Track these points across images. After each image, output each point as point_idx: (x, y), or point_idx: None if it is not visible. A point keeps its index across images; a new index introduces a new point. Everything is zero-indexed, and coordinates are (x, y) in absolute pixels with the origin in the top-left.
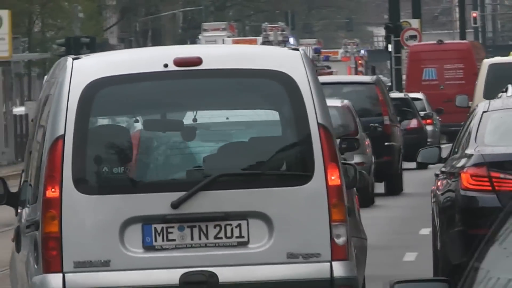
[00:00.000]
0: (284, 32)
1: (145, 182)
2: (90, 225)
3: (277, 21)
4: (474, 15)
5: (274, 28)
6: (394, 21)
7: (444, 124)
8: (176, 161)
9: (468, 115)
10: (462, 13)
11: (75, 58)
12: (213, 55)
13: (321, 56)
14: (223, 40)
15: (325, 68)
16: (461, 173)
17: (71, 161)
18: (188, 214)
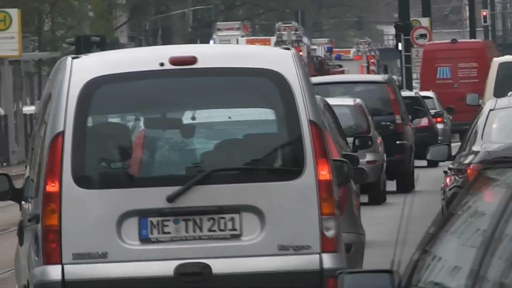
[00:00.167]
0: (298, 32)
1: (142, 177)
2: (89, 219)
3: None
4: (484, 13)
5: (287, 28)
6: (404, 19)
7: (457, 123)
8: (171, 157)
9: (477, 113)
10: (472, 12)
11: (74, 57)
12: (207, 54)
13: (333, 55)
14: (237, 39)
15: (337, 67)
16: (467, 169)
17: (70, 156)
18: (183, 208)
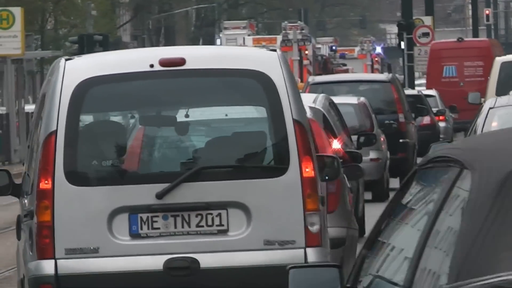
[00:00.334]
0: (304, 31)
1: (132, 174)
2: (80, 215)
3: (290, 19)
4: (487, 12)
5: (293, 27)
6: (407, 18)
7: (462, 121)
8: (160, 155)
9: (477, 111)
10: (475, 11)
11: (68, 59)
12: (196, 56)
13: (337, 54)
14: (244, 38)
15: (341, 66)
16: None
17: (62, 155)
18: (171, 204)
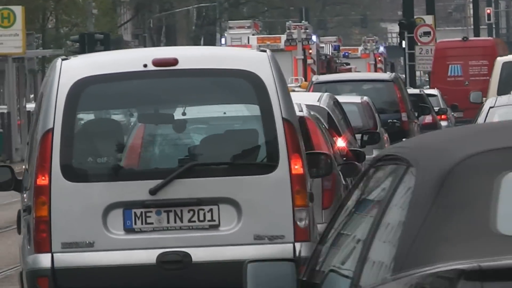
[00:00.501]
0: (307, 30)
1: (126, 171)
2: (76, 210)
3: (291, 18)
4: (488, 11)
5: (297, 27)
6: (408, 17)
7: (467, 120)
8: (154, 152)
9: (478, 111)
10: (476, 10)
11: (64, 59)
12: (188, 56)
13: (341, 53)
14: (248, 37)
15: (344, 65)
16: None
17: (59, 152)
18: (164, 200)
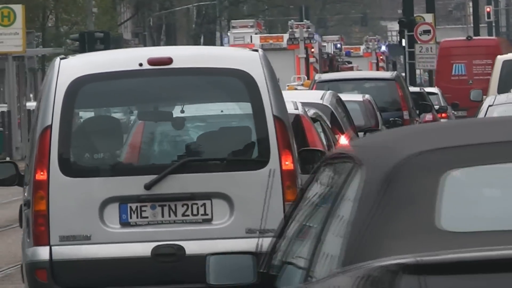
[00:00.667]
0: (310, 29)
1: (122, 166)
2: (74, 204)
3: (291, 16)
4: (488, 9)
5: (300, 26)
6: (408, 15)
7: (470, 118)
8: (149, 148)
9: (477, 109)
10: (476, 8)
11: (63, 58)
12: (182, 55)
13: (343, 52)
14: (251, 36)
15: (346, 64)
16: None
17: (57, 148)
18: (159, 195)
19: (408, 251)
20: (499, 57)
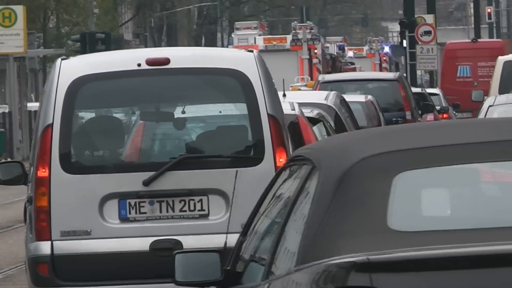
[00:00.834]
0: (313, 31)
1: (121, 163)
2: (74, 200)
3: (292, 17)
4: (489, 10)
5: (303, 27)
6: (409, 16)
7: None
8: (148, 146)
9: (478, 109)
10: (476, 9)
11: (63, 59)
12: (179, 56)
13: (346, 53)
14: (255, 38)
15: (349, 64)
16: None
17: (58, 145)
18: (157, 191)
19: (360, 249)
20: (500, 58)
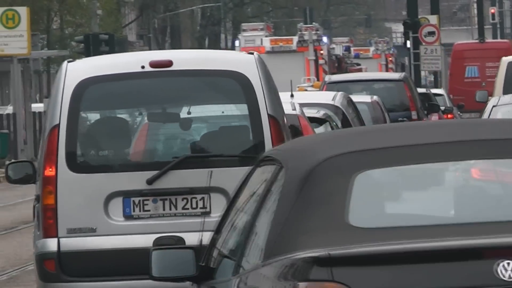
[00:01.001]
0: (318, 32)
1: (126, 163)
2: (80, 199)
3: (295, 17)
4: (493, 11)
5: (308, 28)
6: (412, 17)
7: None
8: (151, 145)
9: (482, 109)
10: (480, 9)
11: (70, 61)
12: (182, 58)
13: (352, 54)
14: (261, 39)
15: (355, 65)
16: None
17: (64, 145)
18: (160, 189)
19: (322, 245)
20: (504, 58)
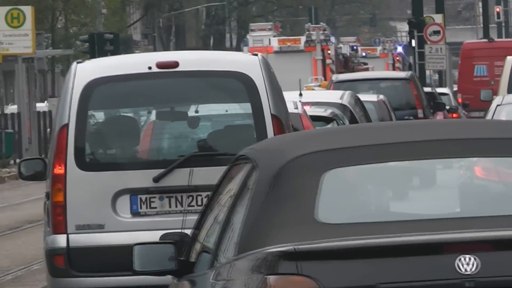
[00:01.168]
0: (326, 32)
1: (133, 161)
2: (89, 196)
3: (300, 17)
4: (498, 10)
5: (316, 28)
6: (417, 16)
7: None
8: (158, 144)
9: (487, 108)
10: (485, 8)
11: (79, 62)
12: (188, 59)
13: (360, 53)
14: (269, 39)
15: (362, 65)
16: None
17: (73, 144)
18: (166, 187)
19: (290, 240)
20: (508, 57)
